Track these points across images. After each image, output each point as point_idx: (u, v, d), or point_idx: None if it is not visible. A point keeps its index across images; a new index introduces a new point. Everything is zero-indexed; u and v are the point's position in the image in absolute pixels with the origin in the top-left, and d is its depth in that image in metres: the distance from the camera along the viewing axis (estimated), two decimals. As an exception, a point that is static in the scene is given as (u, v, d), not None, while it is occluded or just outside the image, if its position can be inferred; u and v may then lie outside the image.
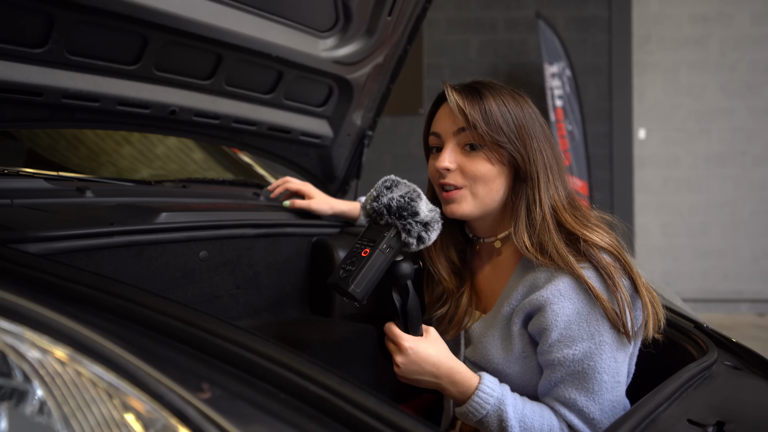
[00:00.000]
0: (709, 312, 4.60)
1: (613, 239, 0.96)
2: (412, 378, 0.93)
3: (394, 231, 0.87)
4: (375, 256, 0.85)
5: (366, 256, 0.85)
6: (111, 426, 0.49)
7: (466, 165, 0.99)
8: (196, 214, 1.22)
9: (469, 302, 1.08)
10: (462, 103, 0.98)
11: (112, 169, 1.87)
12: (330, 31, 1.56)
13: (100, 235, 1.04)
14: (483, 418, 0.91)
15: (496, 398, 0.92)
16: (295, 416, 0.55)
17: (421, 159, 1.15)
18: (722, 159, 4.79)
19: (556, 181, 0.99)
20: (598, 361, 0.91)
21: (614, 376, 0.92)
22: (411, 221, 0.87)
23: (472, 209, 1.00)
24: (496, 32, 4.54)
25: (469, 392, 0.92)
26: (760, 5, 4.72)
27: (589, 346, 0.91)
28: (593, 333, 0.91)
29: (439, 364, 0.92)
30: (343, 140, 1.81)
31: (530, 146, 0.98)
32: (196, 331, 0.64)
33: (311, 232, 1.44)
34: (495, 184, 0.99)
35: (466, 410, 0.92)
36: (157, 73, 1.35)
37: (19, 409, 0.51)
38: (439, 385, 0.93)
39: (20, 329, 0.56)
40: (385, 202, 0.89)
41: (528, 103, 1.02)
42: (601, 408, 0.91)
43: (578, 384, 0.92)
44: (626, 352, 0.94)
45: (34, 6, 1.09)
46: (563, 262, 0.92)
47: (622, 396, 0.95)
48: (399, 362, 0.91)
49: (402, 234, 0.87)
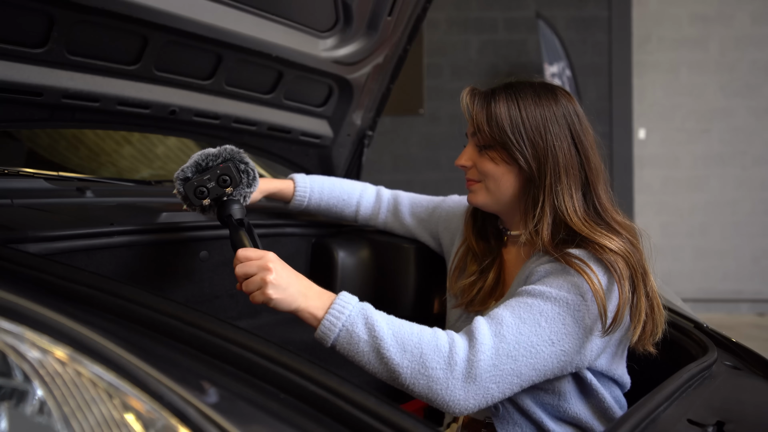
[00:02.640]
0: (709, 312, 4.60)
1: (624, 246, 0.94)
2: (285, 290, 0.87)
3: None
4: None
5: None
6: (111, 426, 0.49)
7: (477, 163, 1.05)
8: (196, 214, 1.22)
9: (496, 282, 1.10)
10: (471, 107, 1.04)
11: (112, 169, 1.87)
12: (330, 31, 1.56)
13: (100, 235, 1.04)
14: (347, 322, 0.85)
15: (357, 302, 0.88)
16: (295, 416, 0.55)
17: (421, 159, 1.17)
18: (722, 159, 4.79)
19: (570, 182, 0.98)
20: (545, 306, 0.89)
21: (546, 336, 0.87)
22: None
23: (486, 201, 1.06)
24: (496, 32, 4.54)
25: (329, 298, 0.88)
26: (760, 5, 4.72)
27: (550, 291, 0.90)
28: (563, 285, 0.90)
29: (294, 270, 0.90)
30: (343, 140, 1.81)
31: (540, 147, 0.98)
32: (196, 331, 0.64)
33: (311, 232, 1.44)
34: (503, 182, 1.02)
35: (330, 315, 0.86)
36: (157, 73, 1.35)
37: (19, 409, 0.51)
38: (303, 294, 0.88)
39: (20, 329, 0.56)
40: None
41: (555, 101, 1.01)
42: (497, 351, 0.85)
43: (506, 309, 0.89)
44: (583, 331, 0.89)
45: (34, 6, 1.09)
46: (554, 252, 0.94)
47: (533, 367, 0.87)
48: (272, 277, 0.86)
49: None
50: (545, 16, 4.35)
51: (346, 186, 1.38)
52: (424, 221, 1.34)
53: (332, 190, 1.36)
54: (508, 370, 0.86)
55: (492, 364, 0.85)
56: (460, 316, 1.14)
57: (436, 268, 1.39)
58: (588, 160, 1.00)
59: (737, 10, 4.73)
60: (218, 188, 1.02)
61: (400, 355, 0.84)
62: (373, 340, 0.85)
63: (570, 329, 0.89)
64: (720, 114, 4.77)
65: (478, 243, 1.13)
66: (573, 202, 0.97)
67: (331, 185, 1.37)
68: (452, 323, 1.16)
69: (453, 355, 0.85)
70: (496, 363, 0.85)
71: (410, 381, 0.85)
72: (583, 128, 1.01)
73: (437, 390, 0.84)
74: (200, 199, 1.02)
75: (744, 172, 4.79)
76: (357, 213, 1.38)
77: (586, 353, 0.92)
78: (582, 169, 1.00)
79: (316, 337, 0.88)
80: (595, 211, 0.99)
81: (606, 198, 1.01)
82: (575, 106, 1.02)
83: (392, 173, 4.40)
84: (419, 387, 0.85)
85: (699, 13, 4.75)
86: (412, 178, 4.36)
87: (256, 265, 0.89)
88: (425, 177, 4.37)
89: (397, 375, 0.85)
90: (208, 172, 1.03)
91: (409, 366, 0.84)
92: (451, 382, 0.84)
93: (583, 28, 4.53)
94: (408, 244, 1.38)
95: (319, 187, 1.35)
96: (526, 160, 0.98)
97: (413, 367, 0.84)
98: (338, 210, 1.37)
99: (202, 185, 1.02)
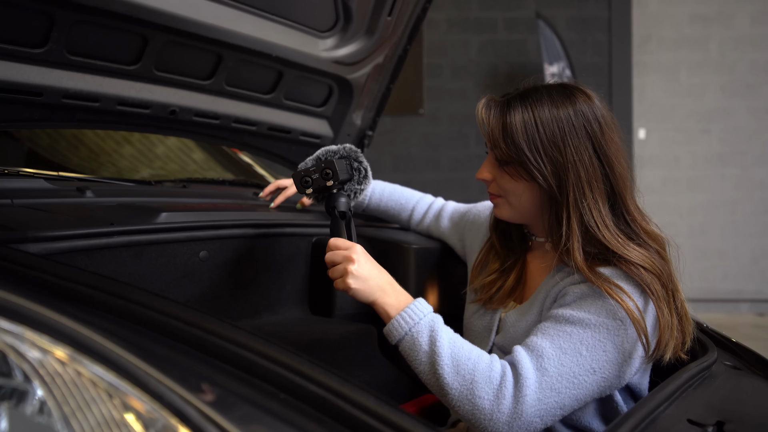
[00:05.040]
0: (709, 312, 4.60)
1: (656, 262, 0.92)
2: (365, 281, 0.93)
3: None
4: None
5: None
6: (111, 426, 0.49)
7: (497, 178, 1.02)
8: (196, 214, 1.22)
9: (516, 283, 1.09)
10: (486, 122, 1.00)
11: (112, 169, 1.87)
12: (330, 31, 1.56)
13: (100, 235, 1.04)
14: (414, 329, 0.89)
15: (430, 313, 0.92)
16: (295, 416, 0.55)
17: (421, 159, 1.18)
18: (722, 159, 4.79)
19: (596, 195, 0.94)
20: (584, 334, 0.87)
21: (588, 365, 0.86)
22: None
23: (511, 215, 1.04)
24: (496, 32, 4.54)
25: (406, 300, 0.93)
26: (760, 5, 4.72)
27: (589, 318, 0.88)
28: (601, 311, 0.88)
29: (379, 266, 0.96)
30: (343, 140, 1.81)
31: (559, 163, 0.94)
32: (196, 331, 0.64)
33: (311, 232, 1.44)
34: (524, 198, 1.00)
35: (400, 317, 0.90)
36: (157, 73, 1.35)
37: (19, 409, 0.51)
38: (382, 289, 0.93)
39: (20, 329, 0.56)
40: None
41: (574, 108, 0.96)
42: (540, 385, 0.85)
43: (545, 338, 0.88)
44: (623, 356, 0.88)
45: (34, 6, 1.09)
46: (589, 275, 0.91)
47: (575, 398, 0.87)
48: (354, 267, 0.93)
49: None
50: (545, 16, 4.35)
51: (407, 193, 1.45)
52: (456, 224, 1.35)
53: (392, 193, 1.43)
54: (552, 403, 0.86)
55: (537, 399, 0.85)
56: (477, 312, 1.13)
57: (436, 268, 1.39)
58: (612, 169, 0.96)
59: (737, 10, 4.73)
60: (321, 180, 1.08)
61: (453, 376, 0.86)
62: (431, 354, 0.87)
63: (611, 356, 0.88)
64: (720, 114, 4.77)
65: (502, 243, 1.12)
66: (602, 215, 0.93)
67: (392, 189, 1.44)
68: (469, 317, 1.15)
69: (502, 389, 0.85)
70: (541, 398, 0.85)
71: (456, 402, 0.86)
72: (605, 135, 0.96)
73: (480, 419, 0.85)
74: (304, 188, 1.09)
75: (744, 172, 4.78)
76: (411, 218, 1.43)
77: (625, 377, 0.91)
78: (607, 180, 0.95)
79: (384, 331, 0.93)
80: (625, 222, 0.96)
81: (634, 207, 0.98)
82: (595, 108, 0.97)
83: (392, 173, 4.39)
84: (464, 410, 0.86)
85: (699, 13, 4.75)
86: (412, 178, 4.35)
87: (342, 255, 0.95)
88: (425, 177, 4.37)
89: (446, 393, 0.87)
90: (317, 165, 1.09)
91: (458, 389, 0.86)
92: (495, 415, 0.84)
93: (583, 28, 4.53)
94: (408, 244, 1.38)
95: (380, 188, 1.43)
96: (545, 178, 0.94)
97: (462, 391, 0.85)
98: (395, 213, 1.44)
99: (307, 176, 1.08)
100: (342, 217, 1.07)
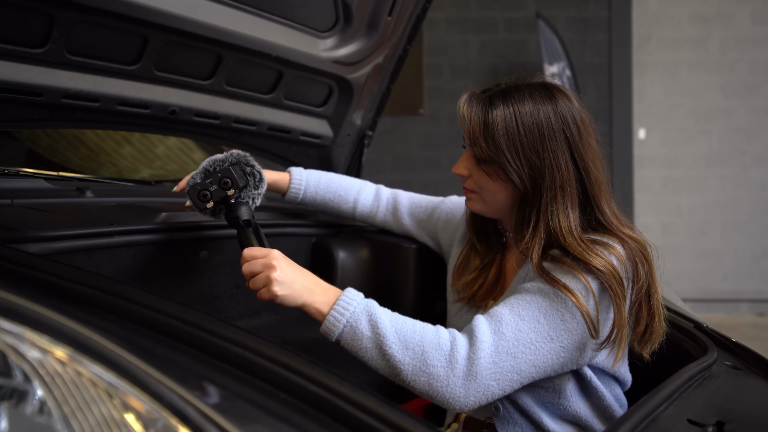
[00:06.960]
0: (709, 312, 4.60)
1: (611, 265, 0.91)
2: (290, 286, 0.88)
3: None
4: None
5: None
6: (111, 426, 0.49)
7: (474, 175, 1.03)
8: (196, 214, 1.22)
9: (497, 279, 1.09)
10: (468, 119, 0.99)
11: (112, 169, 1.87)
12: (330, 31, 1.56)
13: (100, 235, 1.04)
14: (351, 318, 0.86)
15: (363, 298, 0.89)
16: (295, 416, 0.55)
17: (420, 159, 1.17)
18: (722, 159, 4.79)
19: (567, 200, 0.95)
20: (543, 302, 0.89)
21: (545, 332, 0.88)
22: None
23: (483, 209, 1.05)
24: (496, 32, 4.54)
25: (335, 294, 0.89)
26: (760, 5, 4.72)
27: (549, 288, 0.90)
28: (557, 290, 0.89)
29: (300, 267, 0.92)
30: (343, 140, 1.81)
31: (536, 167, 0.95)
32: (196, 331, 0.64)
33: (311, 232, 1.44)
34: (499, 196, 1.01)
35: (335, 311, 0.87)
36: (157, 73, 1.35)
37: (19, 409, 0.51)
38: (309, 290, 0.89)
39: (20, 329, 0.56)
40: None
41: (554, 110, 0.96)
42: (496, 348, 0.86)
43: (505, 306, 0.90)
44: (583, 329, 0.89)
45: (34, 6, 1.09)
46: (544, 277, 0.92)
47: (532, 364, 0.88)
48: (276, 274, 0.87)
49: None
50: (545, 16, 4.35)
51: (344, 182, 1.37)
52: (422, 222, 1.33)
53: (329, 185, 1.35)
54: (507, 367, 0.86)
55: (492, 362, 0.86)
56: (459, 311, 1.14)
57: (436, 268, 1.39)
58: (588, 173, 0.96)
59: (737, 10, 4.73)
60: (220, 191, 1.05)
61: (402, 353, 0.85)
62: (375, 337, 0.86)
63: (569, 325, 0.89)
64: (720, 114, 4.77)
65: (480, 241, 1.13)
66: (569, 221, 0.94)
67: (328, 180, 1.36)
68: (452, 318, 1.16)
69: (454, 353, 0.85)
70: (496, 360, 0.86)
71: (411, 378, 0.86)
72: (582, 139, 0.97)
73: (438, 387, 0.85)
74: (204, 203, 1.05)
75: (744, 172, 4.79)
76: (354, 210, 1.37)
77: (587, 350, 0.92)
78: (581, 185, 0.96)
79: (322, 331, 0.89)
80: (599, 224, 0.97)
81: (610, 212, 0.98)
82: (575, 110, 0.97)
83: (392, 173, 4.40)
84: (420, 384, 0.85)
85: (699, 13, 4.75)
86: (412, 178, 4.36)
87: (261, 263, 0.90)
88: (425, 177, 4.36)
89: (399, 371, 0.86)
90: (211, 176, 1.06)
91: (410, 363, 0.85)
92: (451, 379, 0.85)
93: (583, 28, 4.53)
94: (408, 244, 1.38)
95: (315, 181, 1.34)
96: (522, 180, 0.96)
97: (414, 364, 0.85)
98: (334, 205, 1.36)
99: (204, 189, 1.05)
100: (248, 226, 1.04)
